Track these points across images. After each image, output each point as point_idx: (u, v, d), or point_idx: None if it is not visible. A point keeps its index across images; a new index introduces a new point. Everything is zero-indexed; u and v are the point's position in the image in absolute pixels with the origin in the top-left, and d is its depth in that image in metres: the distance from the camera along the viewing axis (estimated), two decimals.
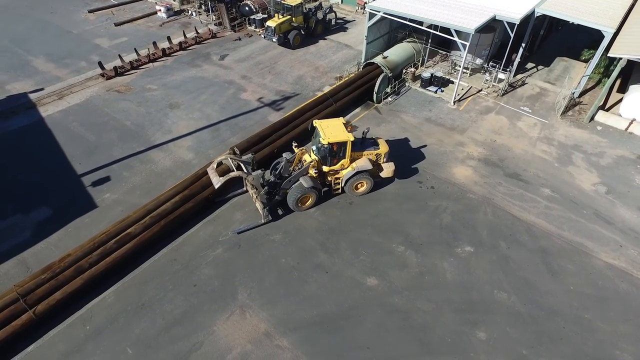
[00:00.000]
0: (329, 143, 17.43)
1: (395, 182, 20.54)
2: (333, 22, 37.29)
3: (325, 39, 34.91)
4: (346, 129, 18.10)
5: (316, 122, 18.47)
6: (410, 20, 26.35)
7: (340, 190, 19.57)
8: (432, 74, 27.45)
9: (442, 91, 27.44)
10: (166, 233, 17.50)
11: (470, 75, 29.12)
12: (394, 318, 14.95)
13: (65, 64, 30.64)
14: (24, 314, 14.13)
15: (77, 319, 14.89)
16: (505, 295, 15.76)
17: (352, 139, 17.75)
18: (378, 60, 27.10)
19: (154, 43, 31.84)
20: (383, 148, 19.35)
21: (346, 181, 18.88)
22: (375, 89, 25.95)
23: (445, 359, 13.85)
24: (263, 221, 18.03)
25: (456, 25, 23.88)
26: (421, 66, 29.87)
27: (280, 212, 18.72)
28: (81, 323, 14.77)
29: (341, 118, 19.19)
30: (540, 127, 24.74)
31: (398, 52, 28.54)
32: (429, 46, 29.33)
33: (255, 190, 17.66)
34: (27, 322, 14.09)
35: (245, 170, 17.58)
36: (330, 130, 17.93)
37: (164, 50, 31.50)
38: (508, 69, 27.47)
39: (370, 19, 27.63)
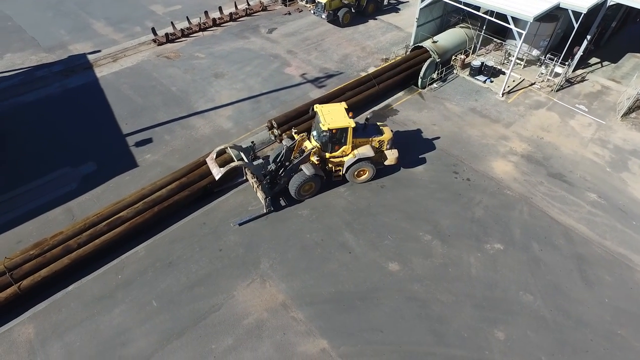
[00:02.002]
0: (329, 129, 16.96)
1: (430, 170, 20.05)
2: (385, 2, 36.26)
3: (376, 19, 34.07)
4: (347, 114, 17.55)
5: (317, 107, 17.91)
6: (466, 5, 25.09)
7: (341, 178, 19.11)
8: (482, 63, 26.20)
9: (492, 81, 26.18)
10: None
11: (524, 67, 27.53)
12: (411, 305, 14.84)
13: (121, 28, 31.93)
14: (9, 287, 14.30)
15: (111, 268, 15.91)
16: (531, 298, 15.18)
17: (353, 125, 17.23)
18: (427, 44, 26.18)
19: (206, 12, 32.41)
20: (386, 135, 18.83)
21: (347, 168, 18.40)
22: (421, 73, 25.16)
23: (458, 353, 13.64)
24: (265, 211, 17.66)
25: (514, 12, 22.48)
26: (472, 54, 28.54)
27: (283, 202, 18.33)
28: (114, 272, 15.78)
29: (343, 103, 18.47)
30: (596, 127, 23.14)
31: (449, 37, 27.39)
32: (482, 33, 27.89)
33: (256, 179, 17.33)
34: (11, 296, 14.20)
35: (245, 160, 17.02)
36: (331, 115, 17.35)
37: (214, 20, 32.00)
38: (567, 63, 25.71)
39: (423, 0, 26.58)
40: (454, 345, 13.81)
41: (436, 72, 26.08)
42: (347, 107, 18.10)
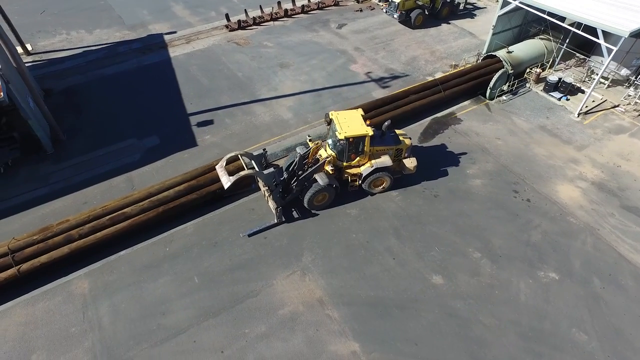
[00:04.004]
0: (345, 137, 16.29)
1: (489, 186, 19.08)
2: (461, 7, 34.88)
3: (449, 23, 32.89)
4: (365, 122, 16.78)
5: (333, 114, 17.19)
6: (550, 15, 23.49)
7: (358, 188, 18.33)
8: (560, 79, 24.43)
9: (568, 99, 24.39)
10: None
11: (608, 87, 25.35)
12: (450, 322, 14.22)
13: (197, 12, 33.30)
14: (10, 268, 14.47)
15: (161, 240, 16.65)
16: (585, 338, 13.98)
17: (371, 133, 16.47)
18: (501, 53, 24.89)
19: (279, 3, 32.94)
20: (405, 143, 18.03)
21: (364, 179, 17.69)
22: (491, 84, 23.96)
23: None
24: (276, 221, 17.06)
25: (606, 26, 20.65)
26: (549, 68, 26.73)
27: (295, 214, 17.67)
28: (163, 244, 16.51)
29: (360, 110, 17.69)
30: None
31: (526, 48, 25.85)
32: (564, 47, 26.01)
33: (267, 188, 16.74)
34: (10, 277, 14.35)
35: (256, 168, 16.33)
36: (348, 123, 16.63)
37: (286, 10, 32.47)
38: None
39: (502, 7, 25.20)
40: None
41: (507, 84, 24.75)
42: (363, 113, 17.42)
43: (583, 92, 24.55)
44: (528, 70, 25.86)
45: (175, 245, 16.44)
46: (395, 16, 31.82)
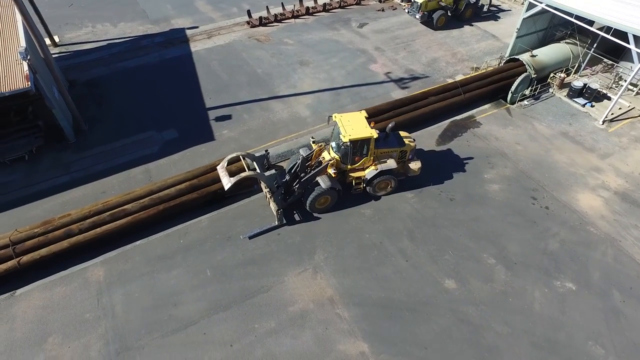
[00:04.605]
0: (350, 140, 16.08)
1: (506, 191, 18.75)
2: (485, 9, 34.26)
3: (472, 25, 32.38)
4: (369, 124, 16.56)
5: (336, 117, 16.94)
6: (577, 18, 22.90)
7: (362, 191, 18.09)
8: (585, 85, 23.81)
9: (592, 106, 23.75)
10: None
11: (637, 94, 24.61)
12: (462, 328, 14.03)
13: (220, 8, 33.58)
14: (10, 260, 14.63)
15: (175, 232, 16.86)
16: (602, 353, 13.59)
17: (375, 135, 16.23)
18: (524, 57, 24.37)
19: (300, 0, 32.94)
20: (409, 145, 17.79)
21: (369, 181, 17.50)
22: (512, 88, 23.54)
23: None
24: (277, 223, 16.92)
25: (637, 30, 19.94)
26: (574, 73, 26.08)
27: (298, 217, 17.51)
28: (177, 236, 16.71)
29: (363, 112, 17.39)
30: None
31: (551, 52, 25.26)
32: (591, 52, 25.34)
33: (269, 190, 16.64)
34: (10, 269, 14.54)
35: (258, 169, 16.28)
36: (352, 125, 16.39)
37: (307, 8, 32.47)
38: None
39: (528, 9, 24.69)
40: None
41: (529, 88, 24.24)
42: (367, 115, 17.20)
43: (609, 98, 23.89)
44: (552, 75, 25.30)
45: (189, 238, 16.63)
46: (417, 17, 31.47)
